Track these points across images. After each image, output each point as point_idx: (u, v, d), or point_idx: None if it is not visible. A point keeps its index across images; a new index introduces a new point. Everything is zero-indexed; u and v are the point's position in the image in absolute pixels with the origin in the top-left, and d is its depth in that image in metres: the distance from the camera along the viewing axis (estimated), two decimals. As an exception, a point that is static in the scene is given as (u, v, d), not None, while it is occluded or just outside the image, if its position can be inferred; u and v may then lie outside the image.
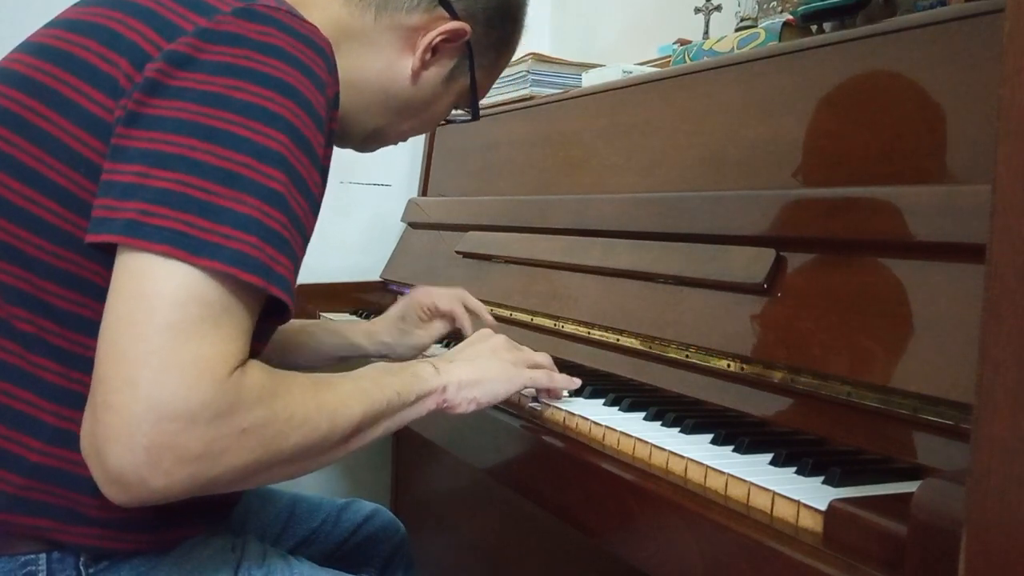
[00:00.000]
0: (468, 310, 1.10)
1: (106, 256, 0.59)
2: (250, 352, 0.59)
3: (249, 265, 0.56)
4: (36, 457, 0.62)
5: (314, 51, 0.62)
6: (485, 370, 0.80)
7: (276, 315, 0.62)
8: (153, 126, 0.58)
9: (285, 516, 1.06)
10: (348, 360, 1.11)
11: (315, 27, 0.64)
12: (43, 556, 0.65)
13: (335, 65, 0.66)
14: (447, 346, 1.22)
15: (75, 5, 0.69)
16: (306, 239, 0.63)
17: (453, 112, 0.93)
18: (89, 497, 0.63)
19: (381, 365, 0.74)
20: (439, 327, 1.10)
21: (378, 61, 0.81)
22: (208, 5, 0.61)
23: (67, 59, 0.63)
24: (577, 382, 0.90)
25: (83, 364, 0.62)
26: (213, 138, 0.57)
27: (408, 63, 0.82)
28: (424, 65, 0.82)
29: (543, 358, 0.88)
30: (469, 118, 0.92)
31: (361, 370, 0.72)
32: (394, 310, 1.12)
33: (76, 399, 0.62)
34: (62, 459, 0.62)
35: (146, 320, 0.53)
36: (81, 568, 0.66)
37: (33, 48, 0.66)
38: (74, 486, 0.63)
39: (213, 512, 0.75)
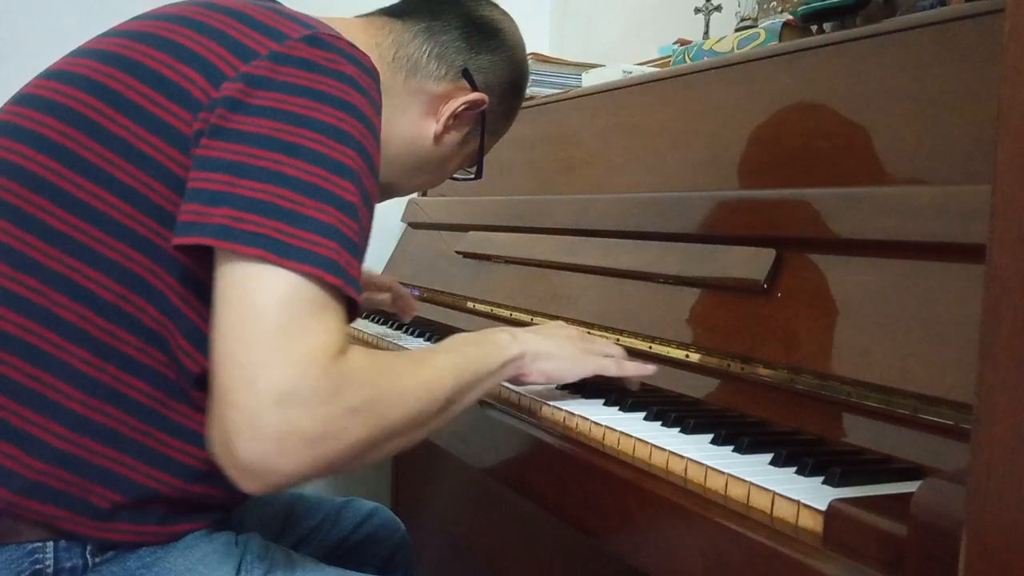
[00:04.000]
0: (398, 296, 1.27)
1: (169, 257, 0.65)
2: None
3: (332, 268, 0.61)
4: (58, 443, 0.64)
5: (370, 76, 0.69)
6: (559, 348, 0.85)
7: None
8: (238, 139, 0.63)
9: (285, 514, 1.06)
10: None
11: (366, 54, 0.70)
12: (50, 544, 0.66)
13: (380, 88, 0.71)
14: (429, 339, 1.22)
15: (137, 18, 0.74)
16: (367, 244, 0.68)
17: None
18: (103, 488, 0.65)
19: (461, 336, 0.79)
20: (375, 297, 1.26)
21: (404, 120, 0.89)
22: (277, 30, 0.67)
23: (135, 67, 0.67)
24: (651, 368, 0.90)
25: (117, 357, 0.66)
26: (296, 153, 0.62)
27: (430, 125, 0.91)
28: (446, 129, 0.92)
29: (615, 349, 0.91)
30: (473, 176, 1.03)
31: (446, 342, 0.77)
32: None
33: (105, 390, 0.65)
34: (84, 447, 0.65)
35: (256, 325, 0.58)
36: (88, 557, 0.67)
37: (99, 54, 0.70)
38: (91, 476, 0.65)
39: (213, 511, 0.75)
